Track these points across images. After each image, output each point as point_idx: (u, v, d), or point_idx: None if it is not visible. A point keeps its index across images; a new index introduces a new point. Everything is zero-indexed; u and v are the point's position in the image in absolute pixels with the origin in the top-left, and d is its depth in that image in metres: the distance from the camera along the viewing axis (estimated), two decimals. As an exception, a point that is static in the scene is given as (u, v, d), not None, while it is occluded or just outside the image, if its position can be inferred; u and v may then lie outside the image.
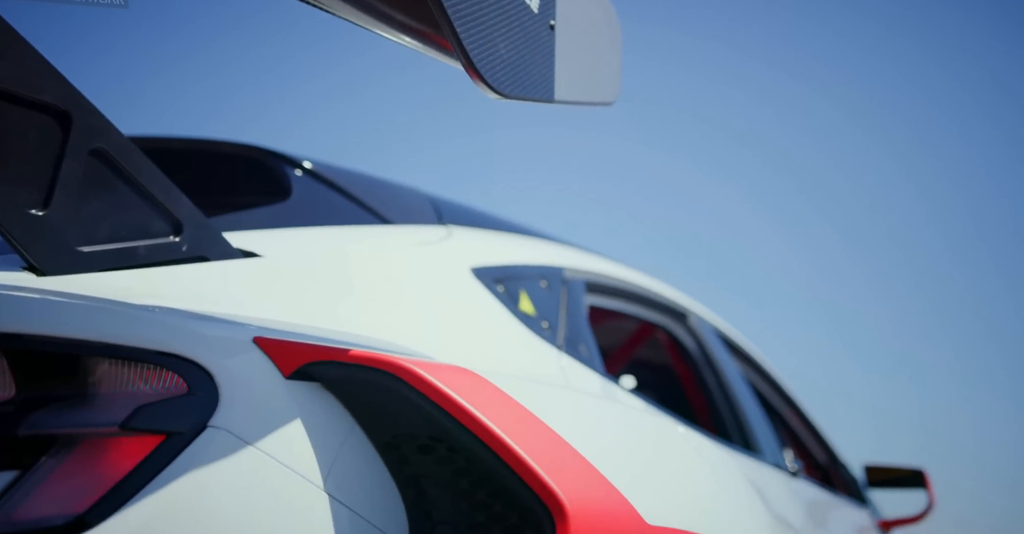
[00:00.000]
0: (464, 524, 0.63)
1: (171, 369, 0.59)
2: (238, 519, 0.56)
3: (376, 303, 0.80)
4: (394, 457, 0.65)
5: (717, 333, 1.90)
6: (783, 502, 1.43)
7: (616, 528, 0.64)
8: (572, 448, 0.69)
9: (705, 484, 0.92)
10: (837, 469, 2.20)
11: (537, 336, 1.08)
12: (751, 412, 1.71)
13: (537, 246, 1.33)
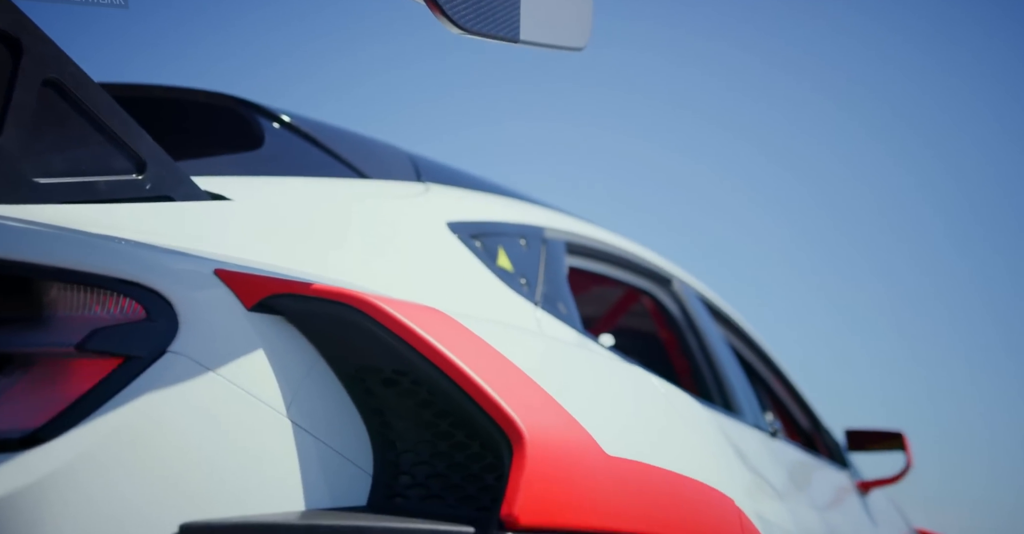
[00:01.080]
0: (427, 453, 0.64)
1: (129, 296, 0.59)
2: (199, 441, 0.56)
3: (345, 250, 0.80)
4: (358, 389, 0.65)
5: (701, 299, 1.90)
6: (760, 460, 1.44)
7: (573, 456, 0.64)
8: (534, 382, 0.69)
9: (673, 427, 0.92)
10: (820, 434, 2.22)
11: (514, 291, 1.08)
12: (732, 375, 1.72)
13: (518, 206, 1.32)
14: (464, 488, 0.62)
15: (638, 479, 0.72)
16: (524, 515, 0.57)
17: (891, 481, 2.04)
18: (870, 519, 1.95)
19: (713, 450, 0.99)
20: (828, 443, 2.18)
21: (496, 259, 1.10)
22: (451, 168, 1.27)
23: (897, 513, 2.20)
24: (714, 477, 0.90)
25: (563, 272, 1.29)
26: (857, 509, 1.91)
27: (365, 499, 0.61)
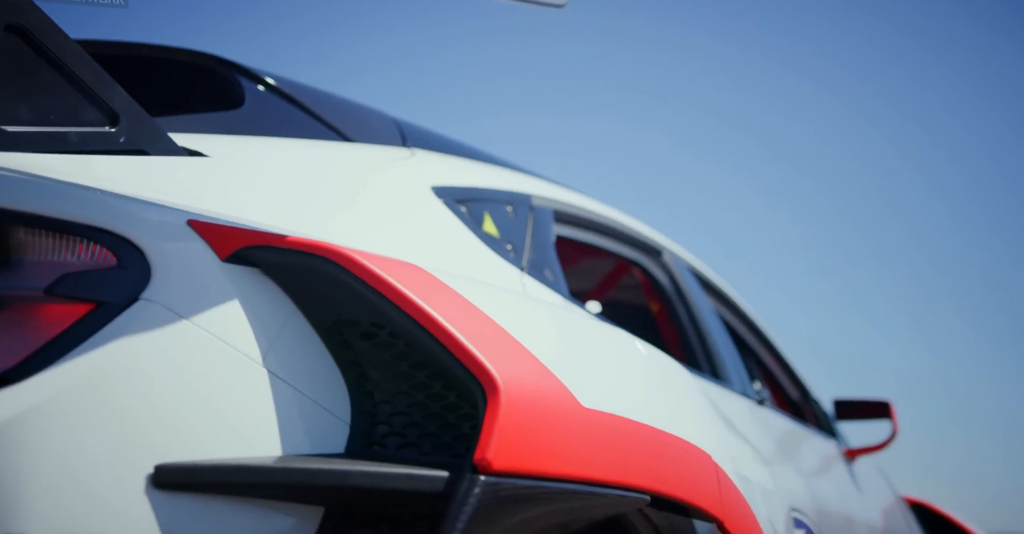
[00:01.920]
0: (404, 403, 0.64)
1: (99, 243, 0.59)
2: (174, 387, 0.56)
3: (324, 208, 0.80)
4: (336, 341, 0.65)
5: (691, 270, 1.91)
6: (745, 425, 1.45)
7: (547, 406, 0.65)
8: (510, 336, 0.69)
9: (652, 385, 0.93)
10: (809, 404, 2.24)
11: (499, 256, 1.08)
12: (721, 345, 1.73)
13: (506, 174, 1.31)
14: (440, 437, 0.63)
15: (613, 431, 0.73)
16: (497, 460, 0.57)
17: (877, 448, 2.06)
18: (855, 485, 1.97)
19: (693, 409, 1.00)
20: (817, 413, 2.20)
21: (482, 224, 1.10)
22: (438, 135, 1.26)
23: (883, 480, 2.23)
24: (692, 433, 0.91)
25: (550, 240, 1.29)
26: (843, 475, 1.94)
27: (343, 448, 0.62)
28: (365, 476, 0.56)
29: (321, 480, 0.56)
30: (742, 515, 0.95)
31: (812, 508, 1.57)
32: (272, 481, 0.55)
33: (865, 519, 1.86)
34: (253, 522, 0.55)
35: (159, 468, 0.52)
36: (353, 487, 0.56)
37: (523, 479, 0.59)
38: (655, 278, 1.77)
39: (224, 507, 0.54)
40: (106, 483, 0.50)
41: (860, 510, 1.86)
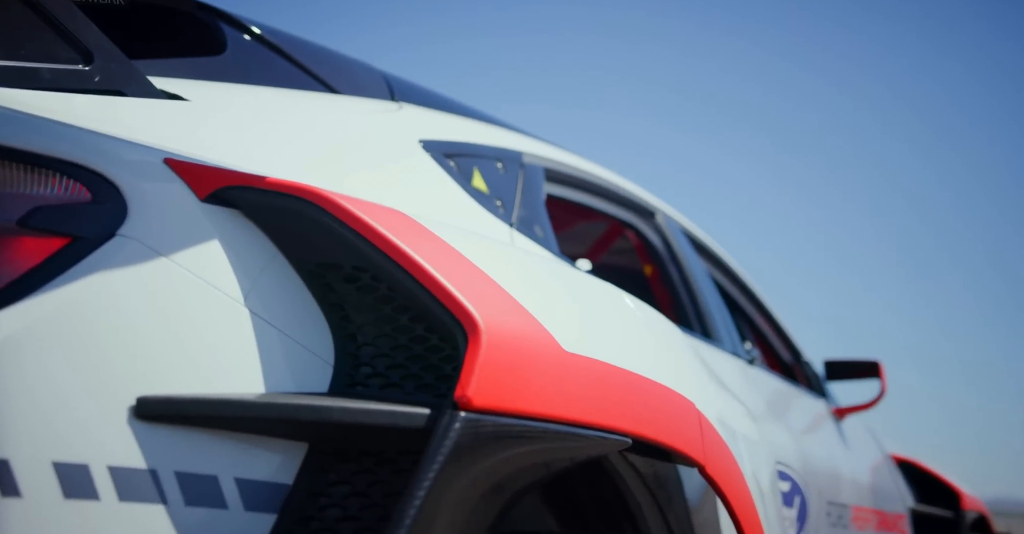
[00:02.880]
0: (387, 346, 0.65)
1: (73, 178, 0.58)
2: (154, 322, 0.56)
3: (307, 156, 0.79)
4: (318, 284, 0.65)
5: (684, 232, 1.90)
6: (734, 382, 1.46)
7: (528, 347, 0.65)
8: (493, 281, 0.69)
9: (637, 335, 0.93)
10: (800, 366, 2.25)
11: (488, 212, 1.07)
12: (712, 306, 1.73)
13: (496, 131, 1.30)
14: (423, 378, 0.64)
15: (594, 374, 0.74)
16: (477, 397, 0.58)
17: (865, 407, 2.09)
18: (843, 442, 2.00)
19: (678, 360, 1.01)
20: (808, 374, 2.22)
21: (471, 180, 1.09)
22: (428, 90, 1.24)
23: (872, 439, 2.26)
24: (675, 382, 0.92)
25: (541, 198, 1.28)
26: (831, 433, 1.96)
27: (326, 388, 0.63)
28: (346, 412, 0.57)
29: (303, 415, 0.56)
30: (724, 461, 0.97)
31: (798, 462, 1.59)
32: (254, 415, 0.55)
33: (851, 474, 1.89)
34: (237, 455, 0.55)
35: (141, 400, 0.52)
36: (335, 423, 0.57)
37: (503, 417, 0.60)
38: (648, 240, 1.76)
39: (208, 440, 0.54)
40: (87, 413, 0.50)
41: (847, 466, 1.89)
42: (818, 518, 1.62)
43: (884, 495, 2.04)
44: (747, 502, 0.99)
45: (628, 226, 1.76)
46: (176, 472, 0.51)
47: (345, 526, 0.57)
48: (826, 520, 1.66)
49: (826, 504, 1.67)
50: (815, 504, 1.61)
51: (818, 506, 1.63)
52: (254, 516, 0.54)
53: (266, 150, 0.75)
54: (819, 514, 1.63)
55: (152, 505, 0.50)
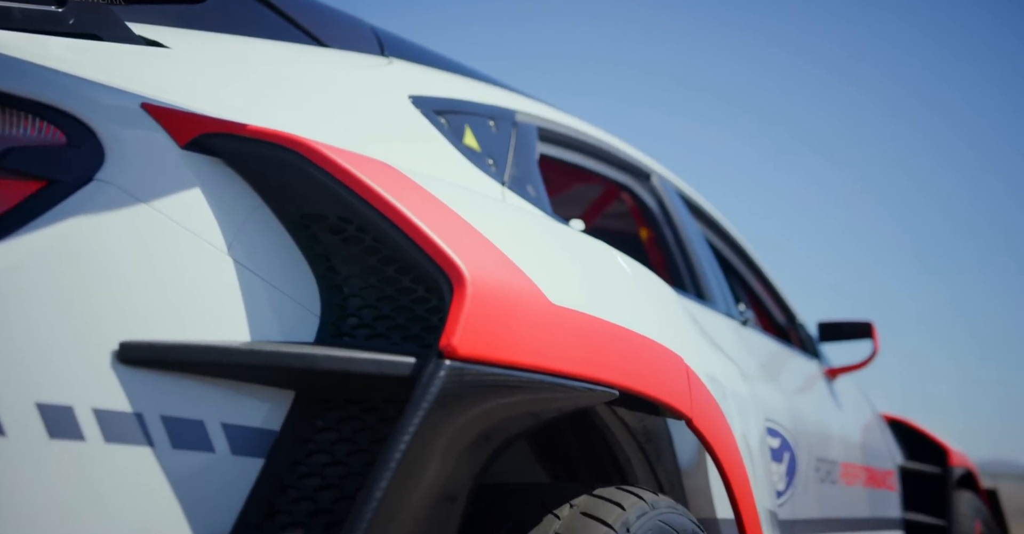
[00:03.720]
0: (374, 297, 0.64)
1: (47, 120, 0.57)
2: (135, 268, 0.55)
3: (292, 108, 0.78)
4: (303, 235, 0.64)
5: (680, 194, 1.89)
6: (727, 343, 1.47)
7: (514, 299, 0.65)
8: (479, 233, 0.69)
9: (627, 291, 0.93)
10: (795, 328, 2.27)
11: (480, 170, 1.06)
12: (707, 267, 1.73)
13: (489, 89, 1.28)
14: (409, 329, 0.64)
15: (581, 327, 0.74)
16: (463, 346, 0.58)
17: (857, 367, 2.10)
18: (835, 402, 2.02)
19: (668, 316, 1.01)
20: (802, 336, 2.23)
21: (462, 137, 1.08)
22: (420, 46, 1.22)
23: (863, 399, 2.28)
24: (664, 337, 0.92)
25: (534, 157, 1.26)
26: (822, 392, 1.98)
27: (312, 338, 0.63)
28: (332, 360, 0.57)
29: (288, 363, 0.56)
30: (712, 415, 0.98)
31: (788, 420, 1.61)
32: (239, 362, 0.55)
33: (841, 432, 1.92)
34: (224, 402, 0.55)
35: (124, 345, 0.52)
36: (320, 370, 0.57)
37: (488, 367, 0.60)
38: (644, 203, 1.75)
39: (193, 386, 0.54)
40: (69, 357, 0.50)
41: (837, 424, 1.92)
42: (807, 473, 1.65)
43: (873, 452, 2.08)
44: (735, 455, 1.01)
45: (624, 188, 1.75)
46: (162, 416, 0.52)
47: (332, 471, 0.57)
48: (815, 475, 1.69)
49: (815, 460, 1.70)
50: (804, 460, 1.64)
51: (807, 462, 1.65)
52: (242, 460, 0.55)
53: (249, 100, 0.73)
54: (808, 469, 1.66)
55: (139, 447, 0.50)
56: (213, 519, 0.52)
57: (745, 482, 1.01)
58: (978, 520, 2.21)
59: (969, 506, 2.18)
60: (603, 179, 1.71)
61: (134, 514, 0.49)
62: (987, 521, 2.31)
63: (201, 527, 0.51)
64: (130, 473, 0.49)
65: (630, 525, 0.74)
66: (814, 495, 1.67)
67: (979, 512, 2.25)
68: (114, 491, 0.49)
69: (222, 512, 0.53)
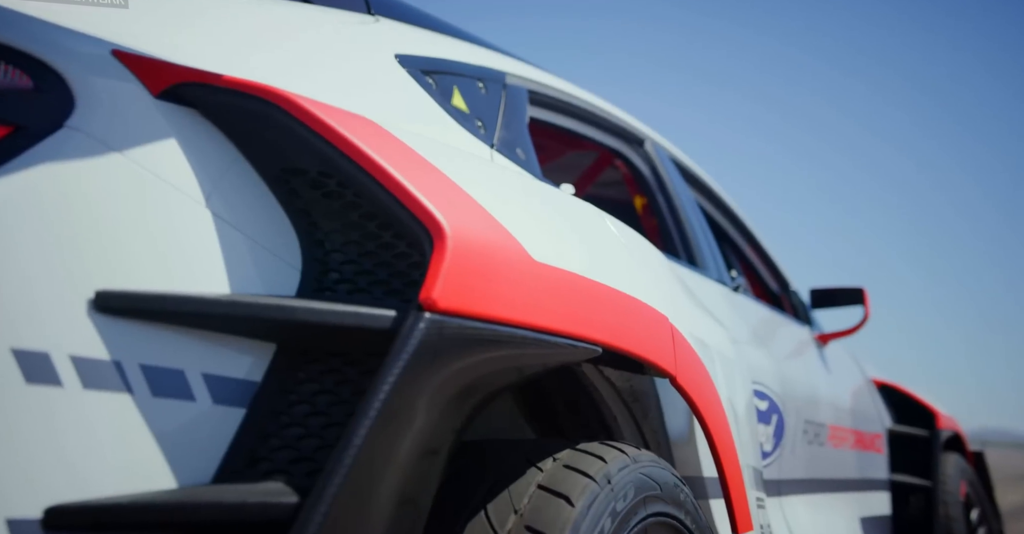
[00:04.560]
0: (355, 252, 0.64)
1: (14, 64, 0.55)
2: (108, 218, 0.54)
3: (273, 65, 0.76)
4: (283, 190, 0.64)
5: (673, 160, 1.88)
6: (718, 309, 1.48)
7: (495, 254, 0.64)
8: (461, 189, 0.69)
9: (613, 251, 0.93)
10: (788, 295, 2.27)
11: (468, 132, 1.05)
12: (699, 234, 1.73)
13: (478, 51, 1.26)
14: (391, 284, 0.64)
15: (564, 284, 0.74)
16: (442, 300, 0.58)
17: (848, 332, 2.12)
18: (825, 367, 2.04)
19: (654, 278, 1.01)
20: (794, 302, 2.24)
21: (450, 98, 1.07)
22: (408, 4, 1.19)
23: (854, 364, 2.30)
24: (649, 297, 0.92)
25: (524, 120, 1.25)
26: (813, 357, 2.00)
27: (294, 293, 0.63)
28: (312, 312, 0.57)
29: (268, 314, 0.56)
30: (697, 374, 0.99)
31: (777, 383, 1.63)
32: (218, 312, 0.55)
33: (831, 396, 1.94)
34: (204, 353, 0.55)
35: (100, 293, 0.52)
36: (300, 322, 0.57)
37: (469, 320, 0.60)
38: (637, 169, 1.74)
39: (173, 337, 0.54)
40: (43, 304, 0.50)
41: (827, 388, 1.94)
42: (795, 435, 1.67)
43: (862, 416, 2.10)
44: (719, 414, 1.02)
45: (617, 155, 1.73)
46: (141, 365, 0.52)
47: (314, 421, 0.58)
48: (803, 437, 1.71)
49: (803, 422, 1.72)
50: (792, 422, 1.66)
51: (795, 424, 1.67)
52: (223, 409, 0.55)
53: (227, 53, 0.72)
54: (796, 431, 1.68)
55: (118, 394, 0.51)
56: (196, 466, 0.53)
57: (729, 439, 1.02)
58: (964, 481, 2.25)
59: (955, 467, 2.22)
60: (596, 145, 1.69)
61: (116, 460, 0.50)
62: (973, 482, 2.35)
63: (184, 473, 0.52)
64: (110, 419, 0.50)
65: (611, 477, 0.75)
66: (802, 456, 1.69)
67: (965, 473, 2.29)
68: (94, 437, 0.49)
69: (205, 460, 0.54)
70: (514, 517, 0.68)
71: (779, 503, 1.54)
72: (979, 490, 2.38)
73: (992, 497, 2.48)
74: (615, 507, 0.73)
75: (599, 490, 0.72)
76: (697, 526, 0.87)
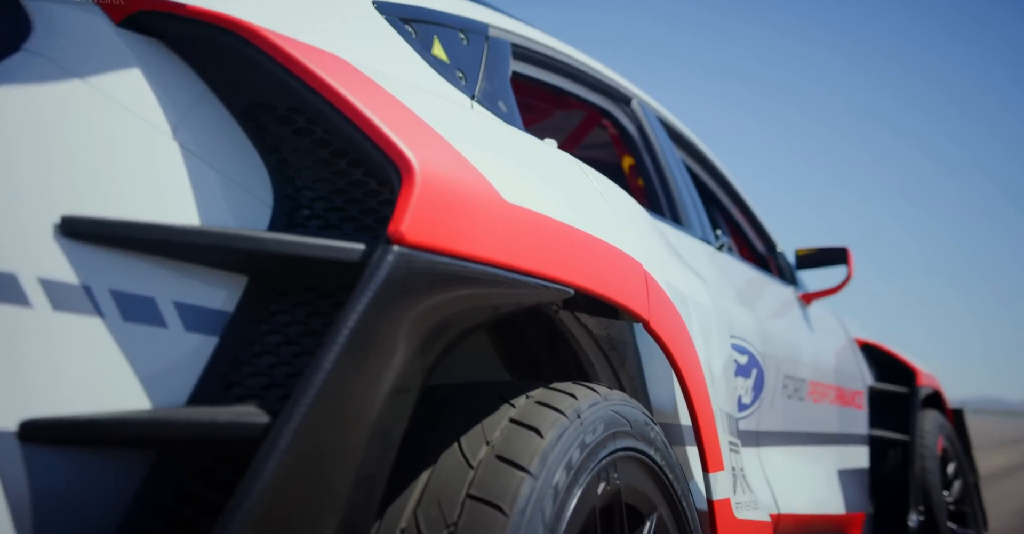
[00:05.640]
0: (326, 190, 0.64)
1: None
2: (71, 143, 0.54)
3: (244, 5, 0.76)
4: (253, 126, 0.64)
5: (660, 120, 1.87)
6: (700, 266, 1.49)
7: (465, 192, 0.65)
8: (431, 128, 0.69)
9: (589, 199, 0.93)
10: (774, 257, 2.29)
11: (448, 83, 1.05)
12: (684, 192, 1.73)
13: (461, 1, 1.24)
14: (361, 220, 0.65)
15: (536, 225, 0.75)
16: (411, 233, 0.59)
17: (832, 291, 2.14)
18: (808, 325, 2.07)
19: (630, 226, 1.01)
20: (781, 264, 2.26)
21: (430, 48, 1.06)
22: None
23: (838, 323, 2.33)
24: (624, 244, 0.93)
25: (506, 73, 1.24)
26: (796, 316, 2.02)
27: (265, 229, 0.64)
28: (281, 244, 0.58)
29: (238, 244, 0.57)
30: (671, 321, 1.00)
31: (758, 339, 1.65)
32: (187, 241, 0.56)
33: (812, 353, 1.97)
34: (176, 282, 0.56)
35: (66, 218, 0.52)
36: (270, 253, 0.57)
37: (438, 256, 0.61)
38: (624, 128, 1.73)
39: (144, 265, 0.55)
40: (5, 226, 0.50)
41: (809, 346, 1.97)
42: (775, 389, 1.70)
43: (844, 373, 2.14)
44: (692, 360, 1.04)
45: (604, 114, 1.73)
46: (111, 290, 0.53)
47: (286, 349, 0.59)
48: (783, 392, 1.75)
49: (784, 377, 1.75)
50: (772, 377, 1.69)
51: (775, 379, 1.70)
52: (195, 337, 0.57)
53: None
54: (776, 386, 1.71)
55: (88, 317, 0.51)
56: (169, 390, 0.55)
57: (701, 383, 1.04)
58: (941, 436, 2.30)
59: (933, 423, 2.27)
60: (582, 104, 1.68)
61: (90, 381, 0.51)
62: (950, 437, 2.40)
63: (158, 396, 0.54)
64: (82, 341, 0.51)
65: (581, 412, 0.77)
66: (781, 410, 1.73)
67: (943, 429, 2.34)
68: (67, 358, 0.50)
69: (178, 384, 0.55)
70: (486, 448, 0.70)
71: (757, 453, 1.58)
72: (956, 445, 2.43)
73: (969, 452, 2.54)
74: (584, 439, 0.75)
75: (568, 424, 0.74)
76: (667, 463, 0.90)
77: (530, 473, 0.67)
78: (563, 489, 0.69)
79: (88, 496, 0.49)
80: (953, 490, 2.36)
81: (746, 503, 1.15)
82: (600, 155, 2.18)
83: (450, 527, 0.63)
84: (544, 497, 0.67)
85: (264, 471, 0.49)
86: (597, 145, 2.16)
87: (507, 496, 0.65)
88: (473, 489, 0.66)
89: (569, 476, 0.71)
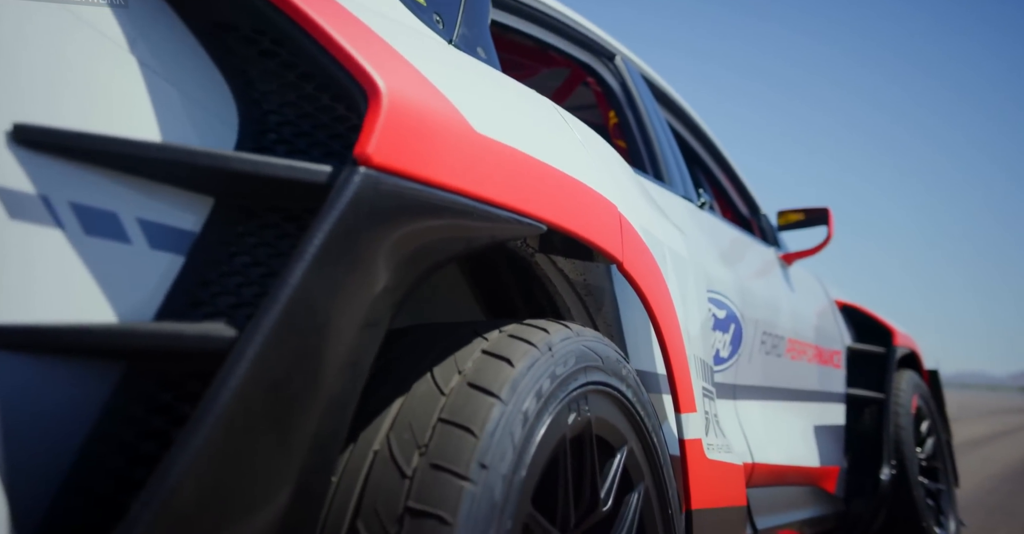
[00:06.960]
0: (293, 114, 0.64)
1: None
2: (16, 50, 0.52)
3: None
4: (216, 47, 0.63)
5: (645, 77, 1.86)
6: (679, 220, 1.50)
7: (434, 119, 0.64)
8: (400, 55, 0.69)
9: (563, 136, 0.93)
10: (757, 219, 2.30)
11: (425, 25, 1.03)
12: (666, 150, 1.73)
13: None
14: (330, 145, 0.64)
15: (508, 159, 0.75)
16: (377, 156, 0.58)
17: (812, 252, 2.16)
18: (788, 285, 2.09)
19: (605, 168, 1.01)
20: (763, 226, 2.27)
21: None
22: None
23: (818, 284, 2.36)
24: (599, 185, 0.94)
25: (486, 20, 1.23)
26: (775, 275, 2.04)
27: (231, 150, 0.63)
28: (246, 162, 0.57)
29: (201, 161, 0.56)
30: (645, 264, 1.01)
31: (737, 295, 1.67)
32: (148, 156, 0.55)
33: (792, 312, 2.00)
34: (139, 199, 0.56)
35: (17, 126, 0.51)
36: (233, 172, 0.57)
37: (404, 180, 0.61)
38: (607, 85, 1.72)
39: (105, 180, 0.54)
40: None
41: (787, 304, 1.99)
42: (752, 344, 1.73)
43: (822, 332, 2.17)
44: (666, 304, 1.05)
45: (587, 70, 1.71)
46: (71, 203, 0.52)
47: (254, 270, 0.59)
48: (760, 347, 1.77)
49: (762, 334, 1.78)
50: (751, 332, 1.71)
51: (753, 334, 1.73)
52: (161, 255, 0.57)
53: None
54: (754, 341, 1.74)
55: (48, 228, 0.51)
56: (136, 306, 0.55)
57: (675, 327, 1.06)
58: (916, 395, 2.35)
59: (908, 382, 2.31)
60: (566, 59, 1.67)
61: (52, 292, 0.51)
62: (925, 396, 2.45)
63: (124, 311, 0.54)
64: (42, 252, 0.50)
65: (552, 345, 0.78)
66: (759, 365, 1.76)
67: (918, 388, 2.39)
68: (28, 268, 0.50)
69: (144, 301, 0.55)
70: (457, 377, 0.71)
71: (734, 405, 1.61)
72: (931, 404, 2.49)
73: (943, 411, 2.60)
74: (555, 371, 0.76)
75: (540, 355, 0.76)
76: (639, 400, 0.91)
77: (500, 399, 0.68)
78: (533, 415, 0.71)
79: (55, 399, 0.50)
80: (926, 447, 2.42)
81: (718, 445, 1.18)
82: (586, 117, 2.17)
83: (421, 448, 0.65)
84: (514, 421, 0.68)
85: (230, 382, 0.49)
86: (584, 107, 2.15)
87: (477, 419, 0.66)
88: (444, 413, 0.67)
89: (539, 403, 0.72)
